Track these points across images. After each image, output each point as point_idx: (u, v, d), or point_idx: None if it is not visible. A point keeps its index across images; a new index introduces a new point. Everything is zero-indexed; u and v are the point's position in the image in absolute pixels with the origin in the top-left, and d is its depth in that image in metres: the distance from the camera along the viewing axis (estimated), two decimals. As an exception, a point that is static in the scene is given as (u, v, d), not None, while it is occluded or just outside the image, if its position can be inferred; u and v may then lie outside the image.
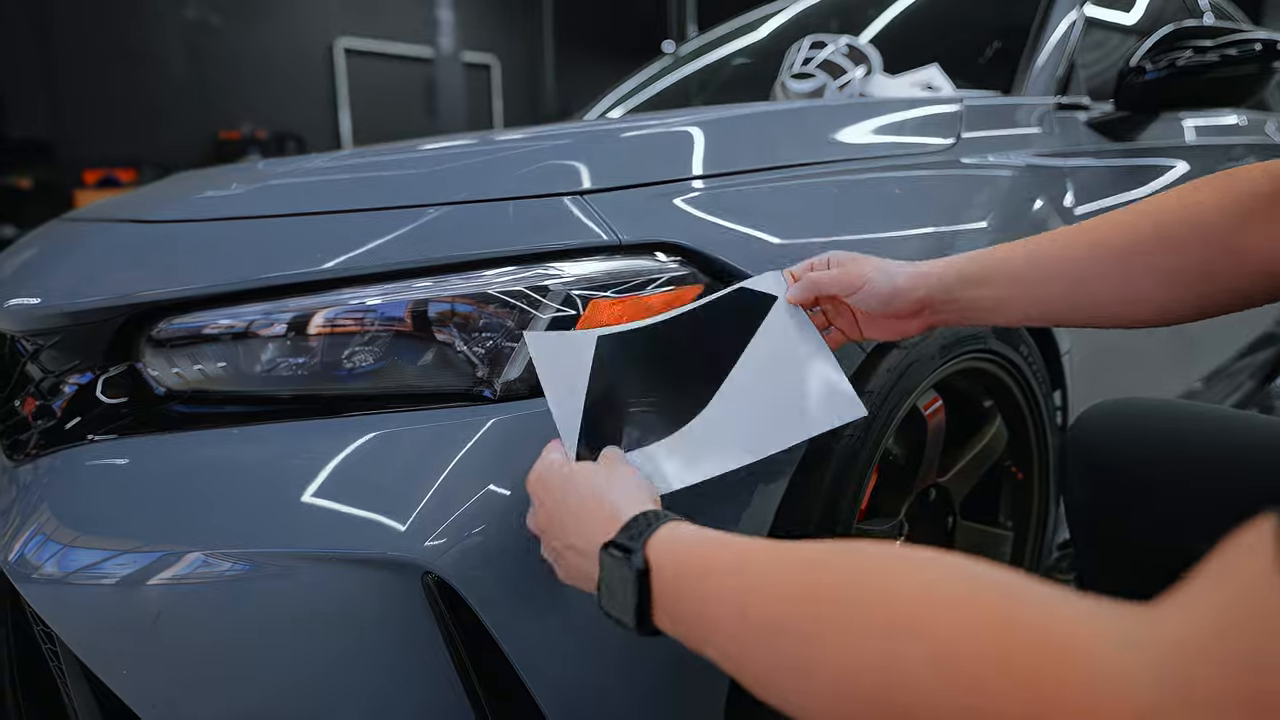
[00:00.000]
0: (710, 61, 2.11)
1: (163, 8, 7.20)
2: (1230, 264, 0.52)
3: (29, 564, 0.64)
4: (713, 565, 0.41)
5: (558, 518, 0.53)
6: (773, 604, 0.36)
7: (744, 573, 0.39)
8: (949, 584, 0.31)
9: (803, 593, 0.35)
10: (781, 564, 0.38)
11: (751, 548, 0.41)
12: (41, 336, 0.79)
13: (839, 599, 0.33)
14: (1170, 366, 1.62)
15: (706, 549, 0.43)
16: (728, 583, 0.39)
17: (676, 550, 0.44)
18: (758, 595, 0.37)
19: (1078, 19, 1.43)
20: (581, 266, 0.68)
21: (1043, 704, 0.26)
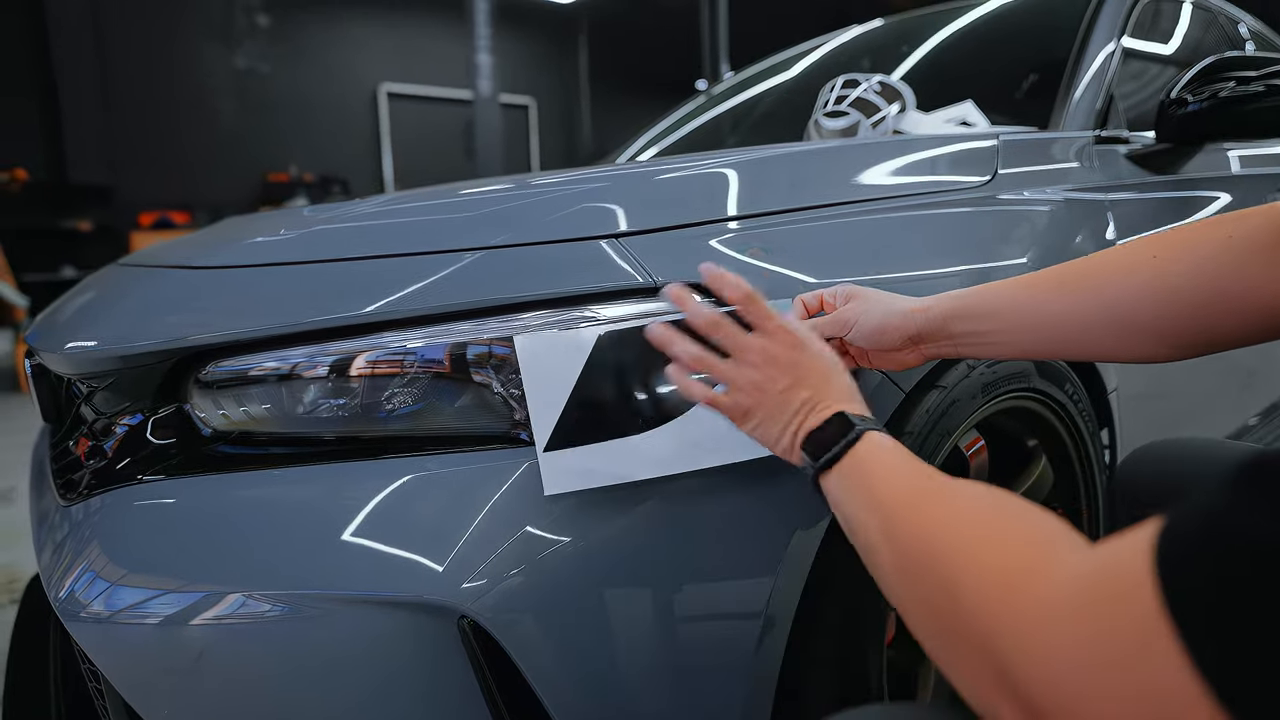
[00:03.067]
0: (743, 101, 2.13)
1: (213, 57, 7.53)
2: (1229, 310, 0.53)
3: (78, 602, 0.66)
4: (878, 472, 0.51)
5: (797, 377, 0.58)
6: (892, 490, 0.49)
7: (895, 463, 0.51)
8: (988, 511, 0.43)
9: (916, 487, 0.48)
10: (913, 471, 0.50)
11: (909, 460, 0.51)
12: (96, 379, 0.82)
13: (935, 498, 0.46)
14: (1223, 402, 1.57)
15: (892, 467, 0.52)
16: (883, 461, 0.51)
17: (880, 452, 0.53)
18: (894, 486, 0.49)
19: (1116, 50, 1.42)
20: (616, 309, 0.68)
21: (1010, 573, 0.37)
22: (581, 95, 10.53)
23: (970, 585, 0.39)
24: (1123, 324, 0.57)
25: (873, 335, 0.68)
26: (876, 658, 0.76)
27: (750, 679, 0.69)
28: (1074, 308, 0.60)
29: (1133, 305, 0.56)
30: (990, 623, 0.36)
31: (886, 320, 0.67)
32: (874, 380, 0.75)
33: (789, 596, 0.69)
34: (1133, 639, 0.29)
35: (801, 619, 0.71)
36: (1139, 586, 0.29)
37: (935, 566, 0.42)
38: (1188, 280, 0.54)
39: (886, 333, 0.67)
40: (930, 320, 0.66)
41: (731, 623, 0.68)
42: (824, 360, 0.60)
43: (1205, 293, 0.53)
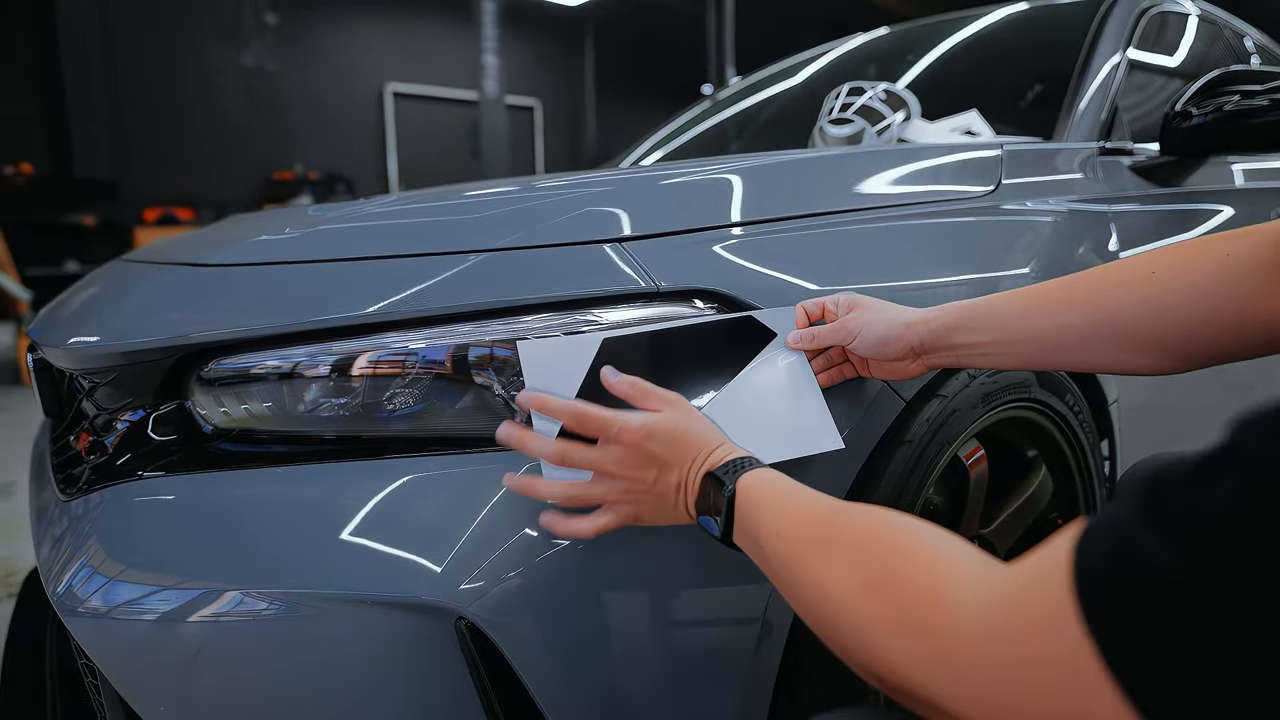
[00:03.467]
0: (748, 106, 2.13)
1: (221, 55, 7.55)
2: (1227, 325, 0.53)
3: (75, 597, 0.66)
4: (764, 521, 0.52)
5: (659, 465, 0.59)
6: (783, 542, 0.49)
7: (781, 510, 0.52)
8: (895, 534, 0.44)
9: (804, 536, 0.49)
10: (800, 515, 0.50)
11: (797, 495, 0.52)
12: (98, 374, 0.82)
13: (824, 544, 0.47)
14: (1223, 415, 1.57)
15: (775, 485, 0.54)
16: (766, 517, 0.52)
17: (757, 494, 0.54)
18: (784, 536, 0.50)
19: (1121, 62, 1.43)
20: (619, 313, 0.69)
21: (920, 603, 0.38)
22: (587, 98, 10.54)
23: (880, 631, 0.39)
24: (1123, 337, 0.58)
25: (875, 346, 0.68)
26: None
27: (747, 684, 0.69)
28: (1075, 320, 0.60)
29: (1132, 319, 0.57)
30: (909, 669, 0.37)
31: (889, 331, 0.68)
32: (874, 389, 0.75)
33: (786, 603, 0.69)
34: (1059, 663, 0.29)
35: (798, 625, 0.71)
36: (1059, 608, 0.29)
37: (841, 615, 0.42)
38: (1185, 296, 0.55)
39: (889, 344, 0.68)
40: (932, 332, 0.67)
41: (729, 628, 0.68)
42: (670, 422, 0.60)
43: (1203, 309, 0.54)
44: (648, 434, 0.59)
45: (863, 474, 0.75)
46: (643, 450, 0.59)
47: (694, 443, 0.60)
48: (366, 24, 8.50)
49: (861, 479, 0.75)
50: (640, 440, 0.59)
